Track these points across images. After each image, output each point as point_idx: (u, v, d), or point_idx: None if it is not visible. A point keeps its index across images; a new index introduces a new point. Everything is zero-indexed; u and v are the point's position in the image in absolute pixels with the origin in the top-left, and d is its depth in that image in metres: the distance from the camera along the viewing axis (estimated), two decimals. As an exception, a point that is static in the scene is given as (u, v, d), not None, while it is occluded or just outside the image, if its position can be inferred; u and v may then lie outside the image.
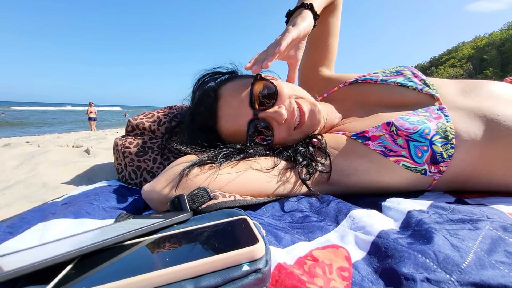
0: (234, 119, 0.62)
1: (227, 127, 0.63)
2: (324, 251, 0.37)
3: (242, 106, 0.61)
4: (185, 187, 0.50)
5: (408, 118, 0.58)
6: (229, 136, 0.63)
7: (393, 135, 0.57)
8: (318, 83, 0.83)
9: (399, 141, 0.56)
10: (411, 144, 0.55)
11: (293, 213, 0.50)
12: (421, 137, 0.55)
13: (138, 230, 0.33)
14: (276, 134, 0.62)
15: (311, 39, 0.87)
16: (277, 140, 0.62)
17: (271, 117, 0.60)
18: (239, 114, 0.61)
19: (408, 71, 0.71)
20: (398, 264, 0.32)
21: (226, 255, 0.25)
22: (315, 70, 0.86)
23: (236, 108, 0.61)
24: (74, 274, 0.26)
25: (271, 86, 0.61)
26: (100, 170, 0.92)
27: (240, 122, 0.61)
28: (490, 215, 0.43)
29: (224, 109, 0.63)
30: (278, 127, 0.61)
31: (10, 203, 0.66)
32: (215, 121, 0.64)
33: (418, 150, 0.55)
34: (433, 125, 0.56)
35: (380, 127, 0.58)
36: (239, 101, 0.61)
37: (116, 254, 0.29)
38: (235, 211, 0.38)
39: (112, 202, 0.56)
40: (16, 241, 0.40)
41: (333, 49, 0.87)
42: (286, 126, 0.62)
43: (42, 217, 0.49)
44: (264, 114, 0.60)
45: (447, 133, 0.55)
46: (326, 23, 0.84)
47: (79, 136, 3.87)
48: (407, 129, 0.56)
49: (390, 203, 0.51)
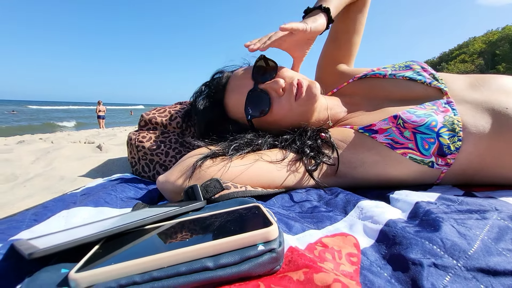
0: (237, 91, 0.68)
1: (230, 98, 0.70)
2: (333, 238, 0.39)
3: (245, 79, 0.68)
4: (198, 178, 0.52)
5: (415, 111, 0.59)
6: (232, 108, 0.70)
7: (400, 127, 0.57)
8: (333, 77, 0.84)
9: (406, 133, 0.57)
10: (418, 136, 0.56)
11: (303, 203, 0.51)
12: (428, 129, 0.55)
13: (157, 216, 0.35)
14: (275, 105, 0.65)
15: (335, 34, 0.87)
16: (276, 112, 0.65)
17: (269, 86, 0.64)
18: (242, 85, 0.68)
19: (417, 65, 0.71)
20: (406, 250, 0.33)
21: (243, 236, 0.26)
22: (334, 65, 0.86)
23: (240, 81, 0.69)
24: (102, 253, 0.29)
25: (273, 64, 0.68)
26: (113, 164, 0.95)
27: (242, 92, 0.67)
28: (499, 207, 0.44)
29: (231, 82, 0.71)
30: (278, 99, 0.65)
31: (32, 194, 0.69)
32: (224, 95, 0.71)
33: (425, 142, 0.55)
34: (440, 118, 0.56)
35: (387, 120, 0.59)
36: (243, 75, 0.69)
37: (139, 236, 0.31)
38: (247, 199, 0.40)
39: (128, 193, 0.59)
40: (43, 226, 0.43)
41: (355, 47, 0.87)
42: (285, 98, 0.64)
43: (64, 206, 0.52)
44: (263, 85, 0.65)
45: (454, 126, 0.55)
46: (352, 20, 0.84)
47: (89, 134, 3.95)
48: (414, 122, 0.56)
49: (398, 195, 0.52)
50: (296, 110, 0.64)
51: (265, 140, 0.62)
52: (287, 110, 0.65)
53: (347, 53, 0.85)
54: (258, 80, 0.66)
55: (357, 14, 0.83)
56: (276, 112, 0.65)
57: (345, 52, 0.86)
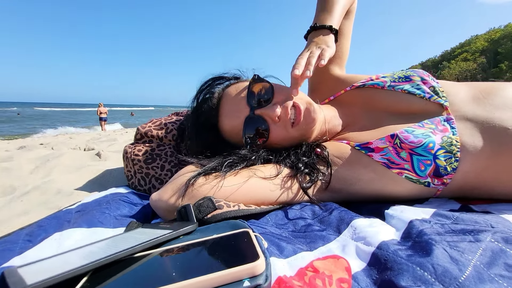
0: (233, 116, 0.66)
1: (226, 123, 0.67)
2: (324, 261, 0.39)
3: (241, 104, 0.65)
4: (191, 197, 0.52)
5: (413, 131, 0.57)
6: (229, 133, 0.67)
7: (397, 147, 0.56)
8: (328, 82, 0.83)
9: (403, 154, 0.56)
10: (415, 158, 0.55)
11: (296, 221, 0.51)
12: (425, 151, 0.54)
13: (147, 243, 0.35)
14: (273, 131, 0.64)
15: None
16: (274, 137, 0.64)
17: (265, 113, 0.62)
18: (238, 110, 0.65)
19: (418, 76, 0.68)
20: (397, 276, 0.33)
21: (228, 272, 0.26)
22: (326, 68, 0.86)
23: (235, 105, 0.66)
24: (89, 286, 0.29)
25: (268, 86, 0.65)
26: (110, 176, 0.95)
27: (238, 118, 0.65)
28: (495, 224, 0.43)
29: (225, 106, 0.67)
30: (274, 125, 0.64)
31: (28, 210, 0.70)
32: (217, 119, 0.68)
33: (421, 164, 0.54)
34: (438, 139, 0.55)
35: (384, 139, 0.58)
36: (238, 99, 0.66)
37: (127, 266, 0.31)
38: (239, 222, 0.40)
39: (122, 210, 0.59)
40: (35, 250, 0.43)
41: (345, 49, 0.87)
42: (282, 124, 0.63)
43: (58, 225, 0.52)
44: (260, 111, 0.63)
45: (453, 147, 0.54)
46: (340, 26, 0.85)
47: (90, 138, 3.98)
48: (411, 143, 0.55)
49: (393, 211, 0.51)
50: (294, 134, 0.64)
51: (259, 155, 0.61)
52: (284, 136, 0.64)
53: (338, 55, 0.86)
54: (254, 106, 0.64)
55: (345, 20, 0.85)
56: (274, 138, 0.64)
57: (337, 54, 0.85)
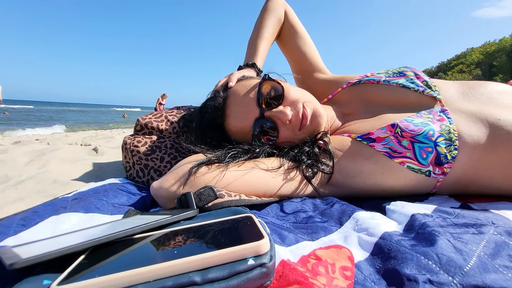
0: (242, 117, 0.64)
1: (234, 125, 0.66)
2: (327, 250, 0.38)
3: (250, 105, 0.63)
4: (192, 185, 0.51)
5: (413, 120, 0.59)
6: (236, 134, 0.66)
7: (398, 136, 0.57)
8: (320, 86, 0.88)
9: (404, 142, 0.57)
10: (416, 145, 0.56)
11: (297, 213, 0.51)
12: (426, 139, 0.55)
13: (147, 225, 0.34)
14: (281, 133, 0.63)
15: (288, 55, 0.99)
16: (282, 139, 0.64)
17: (276, 116, 0.62)
18: (247, 112, 0.64)
19: (411, 72, 0.71)
20: (401, 265, 0.32)
21: (233, 249, 0.26)
22: (310, 77, 0.92)
23: (244, 107, 0.64)
24: (87, 264, 0.28)
25: (279, 87, 0.64)
26: (108, 168, 0.94)
27: (247, 120, 0.63)
28: (495, 221, 0.43)
29: (232, 107, 0.66)
30: (284, 127, 0.63)
31: (23, 197, 0.68)
32: (223, 119, 0.67)
33: (423, 152, 0.55)
34: (437, 127, 0.57)
35: (385, 128, 0.59)
36: (247, 100, 0.64)
37: (127, 247, 0.30)
38: (240, 209, 0.39)
39: (120, 198, 0.58)
40: (29, 232, 0.41)
41: (311, 55, 0.94)
42: (291, 126, 0.63)
43: (53, 211, 0.51)
44: (270, 113, 0.62)
45: (451, 135, 0.56)
46: (288, 45, 0.97)
47: (86, 135, 3.93)
48: (412, 131, 0.56)
49: (394, 206, 0.51)
50: (300, 136, 0.64)
51: (263, 149, 0.61)
52: (292, 137, 0.64)
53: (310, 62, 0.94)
54: (264, 107, 0.62)
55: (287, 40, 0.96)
56: (282, 139, 0.64)
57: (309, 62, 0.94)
